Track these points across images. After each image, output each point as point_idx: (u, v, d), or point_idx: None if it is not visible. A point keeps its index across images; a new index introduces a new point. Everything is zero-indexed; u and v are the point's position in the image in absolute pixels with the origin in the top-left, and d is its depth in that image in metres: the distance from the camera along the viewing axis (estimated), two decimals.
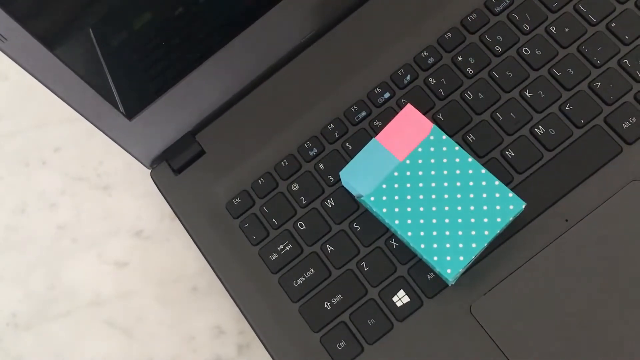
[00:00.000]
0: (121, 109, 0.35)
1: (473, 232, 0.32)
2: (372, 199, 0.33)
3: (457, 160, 0.33)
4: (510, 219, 0.32)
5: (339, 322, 0.34)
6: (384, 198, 0.33)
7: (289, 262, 0.36)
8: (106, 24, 0.32)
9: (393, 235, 0.35)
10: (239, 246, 0.37)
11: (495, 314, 0.33)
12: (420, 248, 0.32)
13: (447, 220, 0.32)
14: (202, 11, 0.34)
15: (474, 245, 0.32)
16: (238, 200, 0.38)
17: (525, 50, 0.37)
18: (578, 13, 0.37)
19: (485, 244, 0.32)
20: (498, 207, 0.32)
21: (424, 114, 0.37)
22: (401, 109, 0.35)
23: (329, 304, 0.35)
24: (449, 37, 0.38)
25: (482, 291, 0.33)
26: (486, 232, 0.32)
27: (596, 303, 0.32)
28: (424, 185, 0.33)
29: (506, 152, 0.35)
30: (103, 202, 0.43)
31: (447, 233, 0.32)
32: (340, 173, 0.34)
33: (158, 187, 0.40)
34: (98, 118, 0.35)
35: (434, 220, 0.32)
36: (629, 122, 0.34)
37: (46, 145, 0.45)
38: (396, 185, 0.33)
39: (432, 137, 0.33)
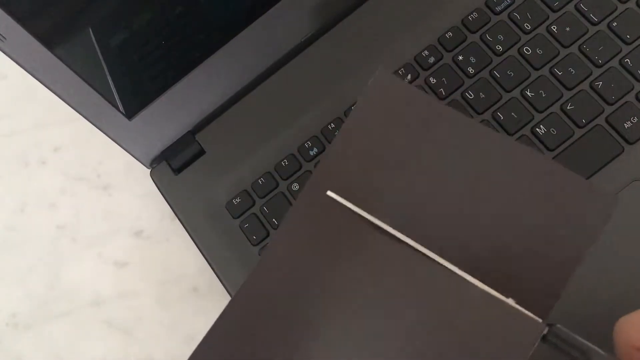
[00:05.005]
0: (121, 108, 0.35)
1: None
2: None
3: None
4: None
5: None
6: None
7: None
8: (106, 24, 0.32)
9: None
10: (239, 246, 0.37)
11: None
12: None
13: None
14: (201, 10, 0.34)
15: None
16: (238, 200, 0.38)
17: (526, 49, 0.36)
18: (579, 12, 0.36)
19: None
20: None
21: None
22: None
23: None
24: (449, 36, 0.38)
25: None
26: None
27: None
28: None
29: None
30: (103, 202, 0.43)
31: None
32: None
33: (158, 187, 0.40)
34: (98, 118, 0.35)
35: None
36: (631, 122, 0.34)
37: (46, 145, 0.45)
38: None
39: None
